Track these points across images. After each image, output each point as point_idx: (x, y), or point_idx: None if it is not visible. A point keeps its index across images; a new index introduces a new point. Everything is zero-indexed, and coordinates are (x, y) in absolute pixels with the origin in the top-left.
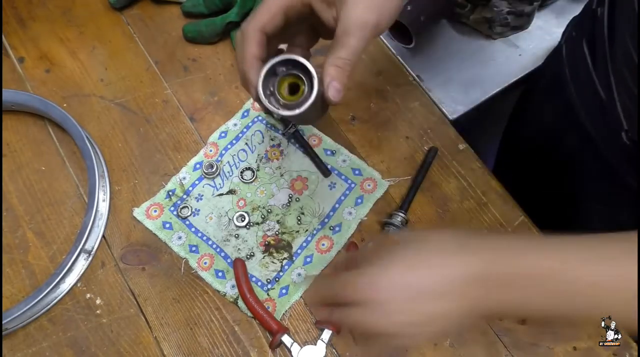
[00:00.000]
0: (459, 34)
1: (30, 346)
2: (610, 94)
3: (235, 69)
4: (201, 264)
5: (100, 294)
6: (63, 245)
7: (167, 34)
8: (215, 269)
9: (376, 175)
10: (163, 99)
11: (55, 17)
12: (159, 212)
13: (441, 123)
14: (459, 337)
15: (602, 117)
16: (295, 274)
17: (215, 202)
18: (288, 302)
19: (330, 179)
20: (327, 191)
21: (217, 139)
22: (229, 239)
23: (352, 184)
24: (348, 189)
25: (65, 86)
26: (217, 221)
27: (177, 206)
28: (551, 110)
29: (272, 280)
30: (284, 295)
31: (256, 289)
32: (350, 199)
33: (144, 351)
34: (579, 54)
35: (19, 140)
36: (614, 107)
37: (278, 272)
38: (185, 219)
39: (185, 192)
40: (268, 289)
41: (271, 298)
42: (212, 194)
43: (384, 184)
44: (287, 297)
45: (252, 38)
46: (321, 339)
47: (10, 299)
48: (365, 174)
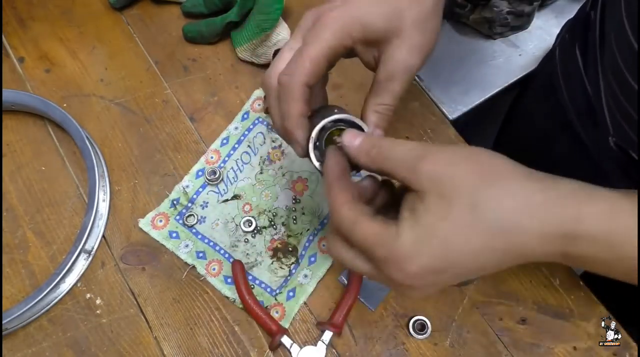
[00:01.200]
0: (459, 34)
1: (30, 346)
2: (599, 98)
3: (235, 69)
4: (210, 270)
5: (100, 294)
6: (63, 245)
7: (167, 34)
8: (224, 275)
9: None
10: (163, 99)
11: (55, 17)
12: (164, 222)
13: (441, 123)
14: (459, 337)
15: (591, 121)
16: (302, 275)
17: (221, 209)
18: (296, 304)
19: None
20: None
21: (219, 146)
22: (237, 244)
23: None
24: None
25: (65, 86)
26: (223, 227)
27: (182, 214)
28: (543, 113)
29: (281, 286)
30: (291, 298)
31: (264, 295)
32: None
33: (144, 351)
34: (571, 58)
35: (19, 140)
36: (601, 112)
37: (286, 278)
38: (191, 227)
39: (190, 200)
40: (276, 294)
41: (279, 303)
42: (217, 201)
43: None
44: (295, 300)
45: (297, 96)
46: (322, 340)
47: (10, 299)
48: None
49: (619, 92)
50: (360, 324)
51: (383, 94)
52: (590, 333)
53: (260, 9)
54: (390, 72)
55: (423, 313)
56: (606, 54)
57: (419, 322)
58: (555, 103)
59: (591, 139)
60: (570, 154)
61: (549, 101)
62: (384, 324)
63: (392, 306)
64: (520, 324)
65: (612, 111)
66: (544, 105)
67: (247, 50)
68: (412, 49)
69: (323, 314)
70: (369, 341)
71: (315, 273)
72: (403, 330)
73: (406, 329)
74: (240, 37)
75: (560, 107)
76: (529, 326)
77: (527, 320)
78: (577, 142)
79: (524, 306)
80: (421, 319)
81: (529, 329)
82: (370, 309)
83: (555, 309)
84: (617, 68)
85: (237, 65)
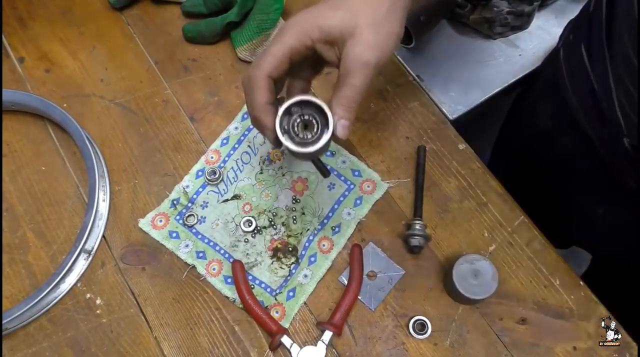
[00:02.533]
0: (459, 34)
1: (30, 346)
2: (610, 98)
3: (235, 69)
4: (210, 270)
5: (100, 294)
6: (63, 245)
7: (167, 34)
8: (224, 275)
9: (375, 177)
10: (163, 99)
11: (56, 17)
12: (164, 222)
13: (441, 123)
14: (459, 337)
15: (601, 121)
16: (302, 275)
17: (221, 209)
18: (296, 304)
19: (329, 180)
20: (326, 192)
21: (219, 146)
22: (237, 244)
23: (352, 185)
24: (347, 190)
25: (65, 86)
26: (223, 227)
27: (182, 214)
28: (547, 112)
29: (281, 285)
30: (291, 298)
31: (264, 295)
32: (349, 200)
33: (144, 351)
34: (577, 58)
35: (19, 141)
36: (613, 112)
37: (286, 278)
38: (191, 227)
39: (190, 200)
40: (276, 294)
41: (279, 303)
42: (217, 201)
43: (383, 186)
44: (295, 300)
45: (261, 85)
46: (321, 340)
47: (10, 299)
48: (364, 175)
49: (632, 90)
50: (360, 324)
51: (344, 88)
52: (590, 333)
53: (260, 8)
54: (348, 67)
55: (423, 313)
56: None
57: (419, 322)
58: (560, 103)
59: (600, 139)
60: (575, 151)
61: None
62: (384, 324)
63: (392, 306)
64: (520, 324)
65: (624, 110)
66: (547, 104)
67: (246, 50)
68: (366, 47)
69: (323, 314)
70: (369, 341)
71: (315, 273)
72: (403, 330)
73: (406, 329)
74: (240, 37)
75: (565, 107)
76: (529, 326)
77: (527, 320)
78: (583, 140)
79: (524, 306)
80: (421, 319)
81: (529, 329)
82: (370, 309)
83: (555, 309)
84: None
85: (237, 65)
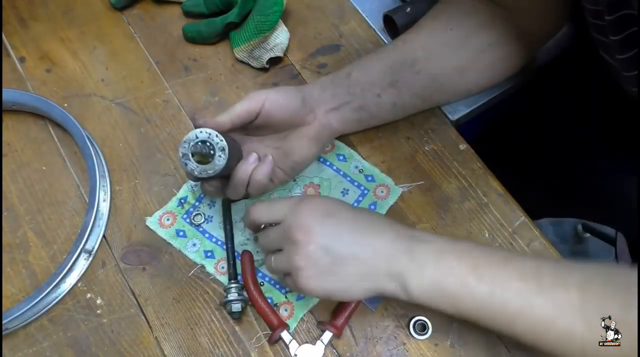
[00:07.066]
0: None
1: (30, 346)
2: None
3: (235, 69)
4: (218, 269)
5: (100, 294)
6: (64, 245)
7: (168, 34)
8: None
9: (389, 182)
10: (164, 99)
11: (56, 17)
12: (171, 221)
13: (442, 123)
14: (460, 337)
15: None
16: None
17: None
18: (306, 306)
19: (342, 186)
20: (340, 198)
21: None
22: (246, 243)
23: (365, 190)
24: (361, 196)
25: (66, 86)
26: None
27: (189, 213)
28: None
29: None
30: (302, 298)
31: (274, 292)
32: (363, 205)
33: (145, 351)
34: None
35: (20, 140)
36: None
37: None
38: (198, 226)
39: (198, 199)
40: (286, 292)
41: (289, 301)
42: None
43: (397, 190)
44: (305, 301)
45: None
46: (321, 340)
47: (10, 299)
48: (378, 180)
49: None
50: (361, 325)
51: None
52: None
53: (259, 10)
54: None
55: (424, 313)
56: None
57: (419, 323)
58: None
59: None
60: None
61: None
62: (384, 324)
63: (392, 306)
64: None
65: None
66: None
67: (244, 51)
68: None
69: (324, 315)
70: (370, 341)
71: None
72: (404, 330)
73: (407, 330)
74: (238, 37)
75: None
76: None
77: None
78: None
79: None
80: (422, 320)
81: None
82: (371, 309)
83: None
84: None
85: (237, 65)
